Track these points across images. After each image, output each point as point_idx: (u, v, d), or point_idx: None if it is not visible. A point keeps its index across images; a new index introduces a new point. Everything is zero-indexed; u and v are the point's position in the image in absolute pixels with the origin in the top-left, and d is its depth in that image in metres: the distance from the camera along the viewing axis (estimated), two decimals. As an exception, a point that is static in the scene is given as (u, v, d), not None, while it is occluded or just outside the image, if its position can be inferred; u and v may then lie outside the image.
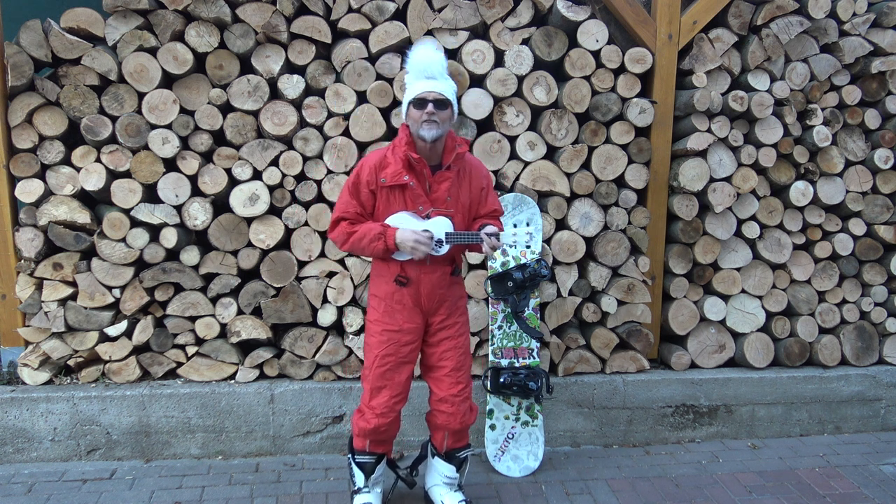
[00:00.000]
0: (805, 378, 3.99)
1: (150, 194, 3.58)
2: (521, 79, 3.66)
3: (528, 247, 2.82)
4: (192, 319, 3.65)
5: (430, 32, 3.62)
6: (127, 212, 3.54)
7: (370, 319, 2.99)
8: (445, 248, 2.81)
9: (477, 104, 3.63)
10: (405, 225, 2.79)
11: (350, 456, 3.08)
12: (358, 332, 3.69)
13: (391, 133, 3.66)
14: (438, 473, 3.13)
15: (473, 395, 3.67)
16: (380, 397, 2.92)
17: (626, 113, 3.73)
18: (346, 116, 3.60)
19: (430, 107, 2.72)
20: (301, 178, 3.62)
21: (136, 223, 3.56)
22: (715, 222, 3.89)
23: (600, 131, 3.74)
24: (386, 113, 3.63)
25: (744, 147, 3.83)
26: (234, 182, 3.59)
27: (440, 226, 2.81)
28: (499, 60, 3.67)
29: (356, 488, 3.06)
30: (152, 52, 3.46)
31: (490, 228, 2.80)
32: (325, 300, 3.68)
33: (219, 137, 3.62)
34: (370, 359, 2.95)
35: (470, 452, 3.15)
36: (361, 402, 2.99)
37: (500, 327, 3.53)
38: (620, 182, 3.82)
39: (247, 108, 3.54)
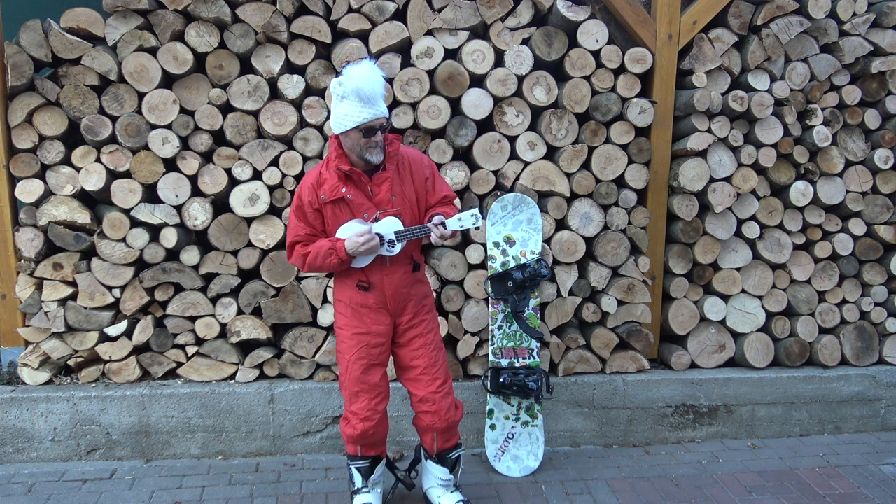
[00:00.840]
0: (805, 378, 3.99)
1: (150, 194, 3.58)
2: (521, 79, 3.66)
3: (476, 228, 2.83)
4: (192, 319, 3.65)
5: (430, 32, 3.62)
6: (127, 212, 3.54)
7: (339, 325, 2.98)
8: (399, 247, 2.81)
9: (477, 104, 3.63)
10: (353, 233, 2.78)
11: (348, 458, 3.08)
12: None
13: (391, 133, 3.66)
14: (433, 476, 3.13)
15: (473, 395, 3.69)
16: (360, 402, 2.91)
17: (626, 113, 3.73)
18: (346, 116, 3.59)
19: (378, 134, 2.72)
20: (301, 178, 3.61)
21: (136, 223, 3.56)
22: (715, 222, 3.89)
23: (600, 131, 3.74)
24: (386, 113, 3.63)
25: (744, 147, 3.83)
26: (234, 182, 3.59)
27: (390, 226, 2.81)
28: (499, 60, 3.67)
29: (356, 489, 3.07)
30: (152, 52, 3.46)
31: (437, 218, 2.79)
32: (325, 300, 3.68)
33: (219, 137, 3.62)
34: (343, 365, 2.94)
35: (461, 452, 3.14)
36: (345, 410, 2.99)
37: (500, 327, 3.53)
38: (620, 182, 3.82)
39: (247, 108, 3.54)
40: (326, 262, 2.80)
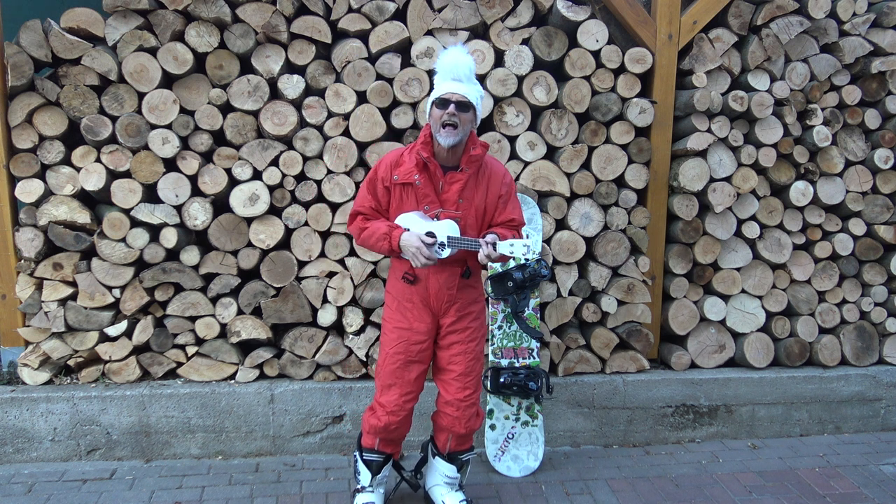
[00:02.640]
0: (805, 378, 3.99)
1: (150, 194, 3.58)
2: (521, 79, 3.66)
3: (526, 259, 2.81)
4: (192, 319, 3.65)
5: (430, 32, 3.62)
6: (127, 212, 3.54)
7: (384, 318, 3.02)
8: (447, 252, 2.79)
9: (477, 104, 3.63)
10: (413, 225, 2.79)
11: (357, 453, 3.08)
12: (358, 332, 3.69)
13: (391, 133, 3.66)
14: (439, 473, 3.13)
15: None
16: (390, 394, 2.92)
17: (626, 113, 3.73)
18: (346, 116, 3.60)
19: (451, 107, 2.71)
20: (301, 178, 3.62)
21: (136, 223, 3.56)
22: (715, 222, 3.89)
23: (600, 131, 3.74)
24: (386, 113, 3.63)
25: (744, 147, 3.83)
26: (234, 182, 3.59)
27: (446, 229, 2.79)
28: (499, 60, 3.67)
29: (359, 486, 3.06)
30: (152, 52, 3.46)
31: (490, 237, 2.77)
32: (325, 300, 3.68)
33: (219, 137, 3.62)
34: (382, 356, 2.97)
35: (472, 456, 3.14)
36: (374, 400, 2.99)
37: (500, 327, 3.53)
38: (620, 182, 3.82)
39: (247, 108, 3.54)
40: (378, 244, 2.83)
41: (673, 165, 3.90)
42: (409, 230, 2.78)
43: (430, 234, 2.76)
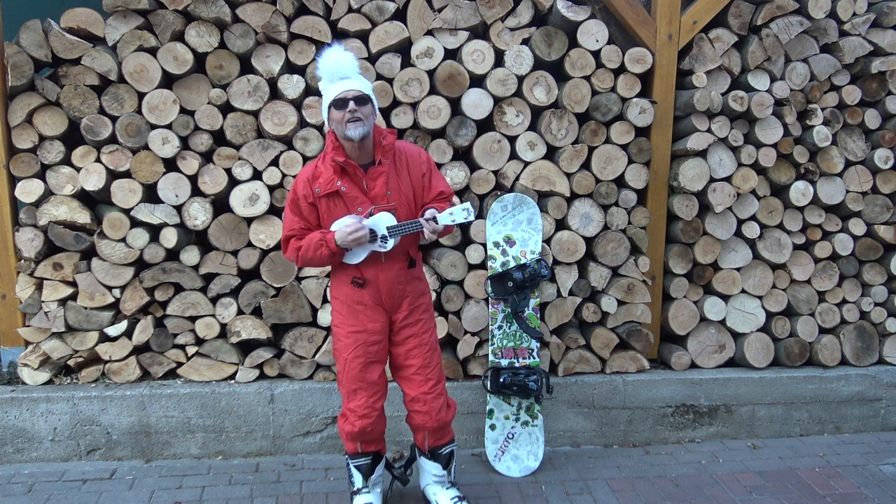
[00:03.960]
0: (805, 378, 3.99)
1: (150, 194, 3.58)
2: (521, 79, 3.66)
3: (469, 221, 2.83)
4: (192, 319, 3.65)
5: (430, 32, 3.62)
6: (127, 212, 3.54)
7: (335, 324, 2.98)
8: (392, 242, 2.80)
9: (477, 104, 3.63)
10: (343, 224, 2.78)
11: (347, 458, 3.08)
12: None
13: (388, 128, 3.65)
14: (428, 473, 3.13)
15: (473, 395, 3.69)
16: (357, 399, 2.92)
17: (626, 113, 3.73)
18: (346, 116, 3.59)
19: (350, 104, 2.69)
20: (301, 178, 3.62)
21: (136, 223, 3.56)
22: (715, 222, 3.89)
23: (600, 131, 3.74)
24: (386, 113, 3.63)
25: (744, 147, 3.83)
26: (234, 182, 3.59)
27: (383, 221, 2.79)
28: (499, 60, 3.67)
29: (356, 489, 3.06)
30: (152, 52, 3.46)
31: (429, 212, 2.79)
32: (325, 300, 3.68)
33: (219, 137, 3.62)
34: (341, 363, 2.95)
35: (455, 447, 3.13)
36: (343, 407, 2.99)
37: (500, 327, 3.53)
38: (620, 182, 3.82)
39: (247, 108, 3.54)
40: (317, 253, 2.79)
41: (673, 165, 3.90)
42: (338, 228, 2.77)
43: (372, 233, 2.76)
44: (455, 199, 3.34)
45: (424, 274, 3.13)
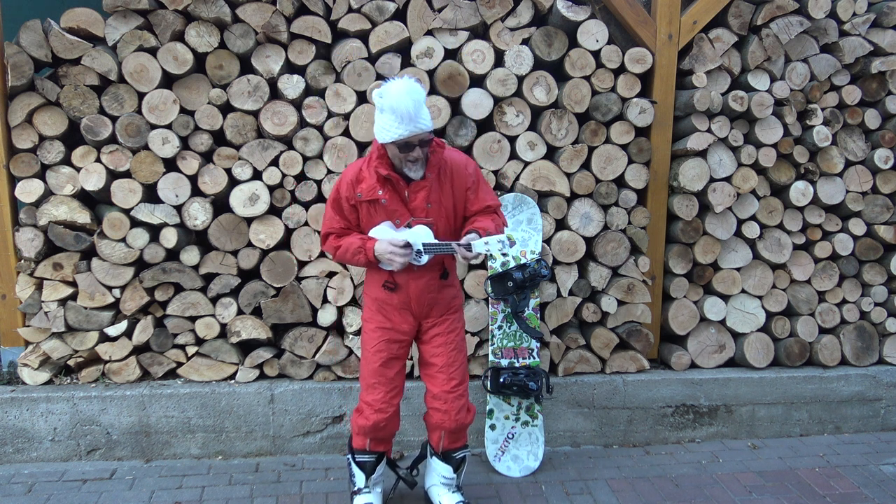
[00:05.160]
0: (805, 378, 3.99)
1: (150, 194, 3.58)
2: (521, 79, 3.66)
3: (503, 254, 2.81)
4: (192, 319, 3.65)
5: (430, 32, 3.61)
6: (127, 212, 3.54)
7: (365, 318, 3.03)
8: (426, 258, 2.81)
9: (477, 104, 3.63)
10: (386, 236, 2.79)
11: (350, 456, 3.08)
12: (358, 332, 3.68)
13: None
14: (436, 474, 3.13)
15: (473, 395, 3.68)
16: (375, 393, 2.94)
17: (626, 113, 3.73)
18: (346, 116, 3.60)
19: (416, 151, 2.69)
20: (301, 178, 3.62)
21: (136, 223, 3.56)
22: (715, 222, 3.89)
23: (600, 131, 3.74)
24: (386, 113, 3.63)
25: (744, 147, 3.83)
26: (234, 182, 3.59)
27: (420, 235, 2.79)
28: (499, 60, 3.67)
29: (356, 489, 3.06)
30: (152, 52, 3.46)
31: (466, 238, 2.77)
32: (325, 300, 3.68)
33: (219, 137, 3.62)
34: (365, 356, 2.99)
35: (468, 453, 3.14)
36: (360, 401, 3.01)
37: (500, 327, 3.53)
38: (620, 182, 3.82)
39: (247, 108, 3.54)
40: (355, 258, 2.84)
41: (673, 165, 3.90)
42: (380, 240, 2.79)
43: (406, 245, 2.76)
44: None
45: (457, 279, 3.12)
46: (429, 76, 3.60)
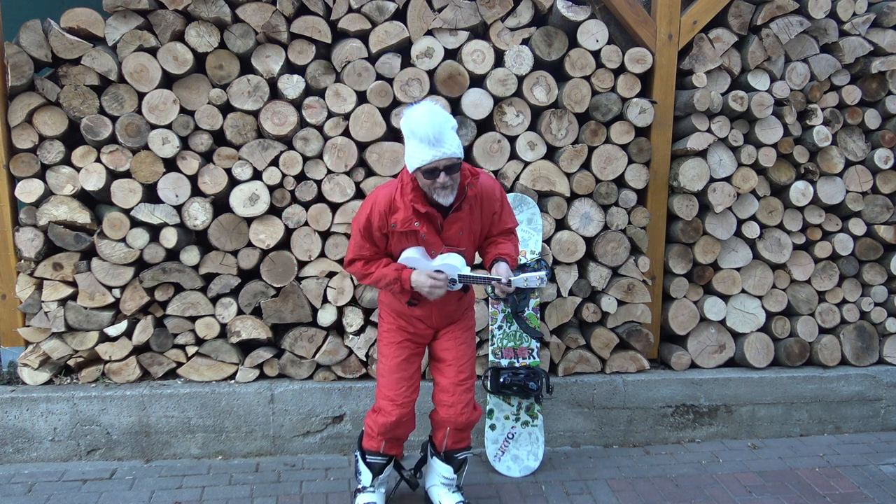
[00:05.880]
0: (805, 378, 3.99)
1: (150, 194, 3.58)
2: (521, 79, 3.66)
3: (541, 288, 2.85)
4: (192, 319, 3.65)
5: (430, 32, 3.61)
6: (127, 212, 3.54)
7: (383, 321, 3.03)
8: (458, 287, 2.82)
9: (477, 104, 3.63)
10: (418, 264, 2.77)
11: (357, 454, 3.08)
12: (358, 332, 3.69)
13: (391, 133, 3.65)
14: (437, 474, 3.13)
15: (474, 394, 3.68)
16: (399, 387, 2.93)
17: (626, 113, 3.73)
18: (346, 116, 3.60)
19: (441, 177, 2.59)
20: (301, 178, 3.62)
21: (136, 223, 3.55)
22: (715, 222, 3.89)
23: (600, 131, 3.74)
24: (386, 113, 3.63)
25: (744, 147, 3.83)
26: (234, 182, 3.59)
27: (453, 266, 2.77)
28: (499, 60, 3.67)
29: (360, 487, 3.06)
30: (152, 52, 3.46)
31: (503, 269, 2.74)
32: (325, 300, 3.68)
33: (219, 137, 3.62)
34: (384, 351, 2.99)
35: (469, 455, 3.14)
36: (377, 401, 2.98)
37: (500, 327, 3.53)
38: (620, 182, 3.82)
39: (247, 108, 3.54)
40: (389, 287, 2.82)
41: (673, 165, 3.90)
42: (415, 269, 2.76)
43: (439, 272, 2.75)
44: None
45: (472, 288, 3.13)
46: (429, 76, 3.60)
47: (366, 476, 3.05)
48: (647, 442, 3.90)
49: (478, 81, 3.67)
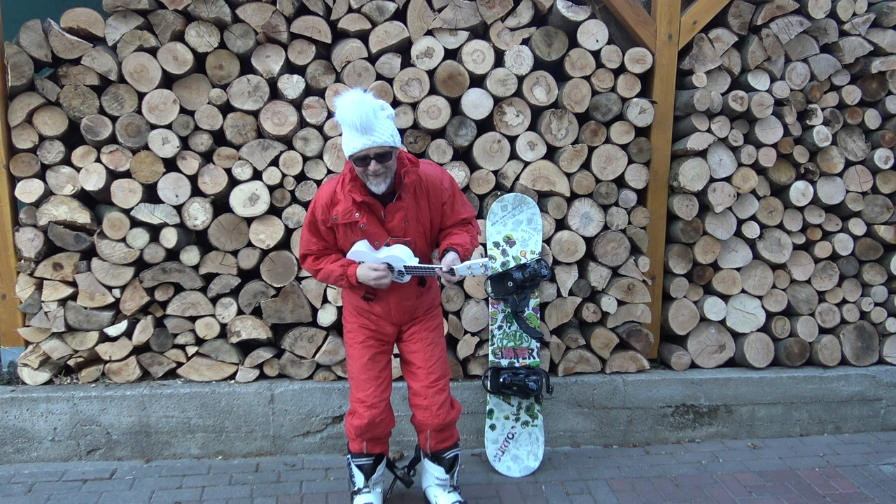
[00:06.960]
0: (805, 378, 3.99)
1: (150, 194, 3.58)
2: (521, 79, 3.66)
3: (487, 276, 2.84)
4: (192, 319, 3.65)
5: (430, 32, 3.61)
6: (127, 212, 3.54)
7: (346, 318, 3.05)
8: (407, 278, 2.83)
9: (477, 104, 3.63)
10: (365, 257, 2.79)
11: (349, 457, 3.08)
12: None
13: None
14: (430, 475, 3.13)
15: (474, 394, 3.69)
16: (367, 389, 2.93)
17: (626, 113, 3.73)
18: (346, 116, 3.59)
19: (372, 164, 2.61)
20: (301, 178, 3.62)
21: (136, 223, 3.56)
22: (715, 222, 3.89)
23: (600, 131, 3.74)
24: (386, 113, 3.63)
25: (744, 147, 3.83)
26: (234, 182, 3.59)
27: (399, 255, 2.78)
28: (499, 60, 3.67)
29: (356, 489, 3.07)
30: (152, 52, 3.46)
31: (449, 258, 2.77)
32: (325, 300, 3.68)
33: (219, 137, 3.62)
34: (351, 354, 3.00)
35: (458, 452, 3.12)
36: (350, 403, 3.00)
37: (500, 327, 3.53)
38: (620, 182, 3.82)
39: (247, 108, 3.54)
40: (338, 283, 2.86)
41: (673, 165, 3.90)
42: (362, 262, 2.79)
43: (388, 267, 2.76)
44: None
45: (436, 281, 3.12)
46: (429, 76, 3.60)
47: (359, 478, 3.05)
48: (647, 442, 3.90)
49: (478, 81, 3.67)
